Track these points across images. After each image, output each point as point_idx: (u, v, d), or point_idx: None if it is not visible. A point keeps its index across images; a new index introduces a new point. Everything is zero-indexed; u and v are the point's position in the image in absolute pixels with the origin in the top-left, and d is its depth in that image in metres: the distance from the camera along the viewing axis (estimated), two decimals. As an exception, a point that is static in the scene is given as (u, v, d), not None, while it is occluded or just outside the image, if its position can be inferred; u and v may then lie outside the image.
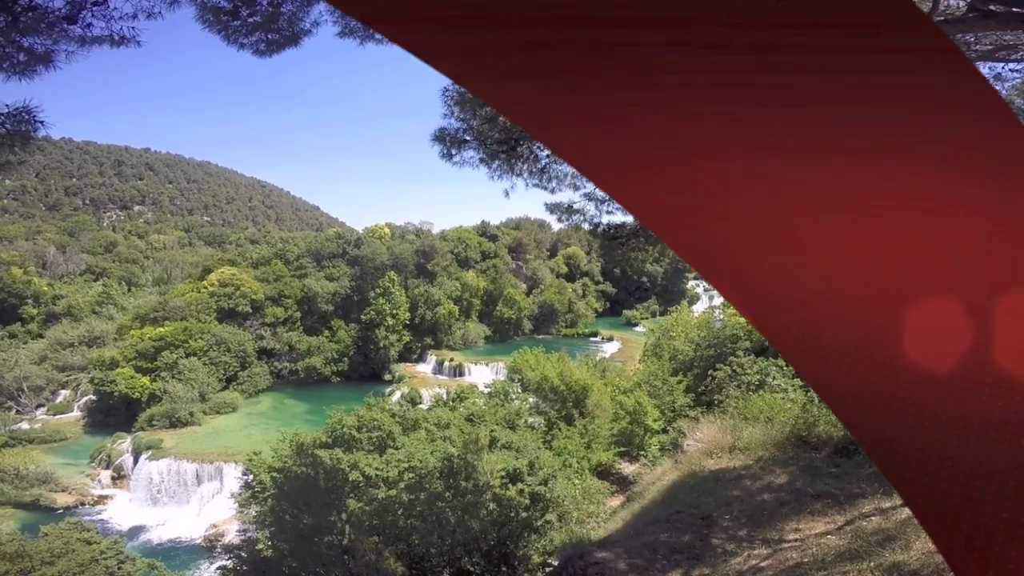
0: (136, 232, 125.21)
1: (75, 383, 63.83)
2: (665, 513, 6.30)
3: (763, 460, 7.47)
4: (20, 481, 44.76)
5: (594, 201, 9.15)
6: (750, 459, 7.76)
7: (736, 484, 6.73)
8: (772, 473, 6.78)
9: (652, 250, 9.84)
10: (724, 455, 8.41)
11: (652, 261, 77.52)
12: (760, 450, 8.03)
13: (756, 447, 8.23)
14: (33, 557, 20.31)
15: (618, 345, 79.14)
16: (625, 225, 9.33)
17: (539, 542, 10.83)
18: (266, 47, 6.28)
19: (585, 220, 9.38)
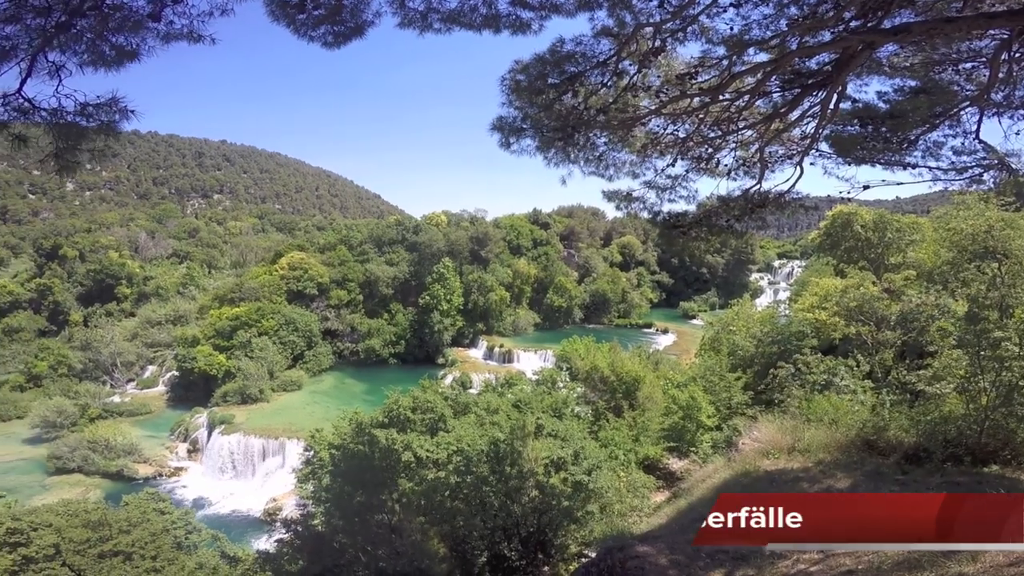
0: (215, 219, 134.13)
1: (161, 359, 69.37)
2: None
3: (824, 463, 6.98)
4: (109, 452, 47.93)
5: (655, 189, 8.83)
6: (809, 461, 7.27)
7: (792, 486, 6.32)
8: (832, 477, 6.32)
9: (715, 240, 9.40)
10: (782, 456, 7.93)
11: (713, 252, 74.62)
12: (821, 452, 7.51)
13: (817, 449, 7.70)
14: (112, 526, 21.26)
15: (673, 338, 76.87)
16: (687, 213, 9.01)
17: (578, 532, 10.71)
18: (333, 39, 6.43)
19: (644, 208, 9.05)
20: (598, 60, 7.10)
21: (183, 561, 20.90)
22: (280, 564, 14.94)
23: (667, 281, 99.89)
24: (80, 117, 5.49)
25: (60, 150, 5.79)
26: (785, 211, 8.67)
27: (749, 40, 6.25)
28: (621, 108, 7.62)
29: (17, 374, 65.12)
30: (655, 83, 7.48)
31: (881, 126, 7.52)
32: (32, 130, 5.73)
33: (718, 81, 6.96)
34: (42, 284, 75.74)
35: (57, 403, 54.95)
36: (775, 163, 8.49)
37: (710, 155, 8.31)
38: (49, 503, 27.41)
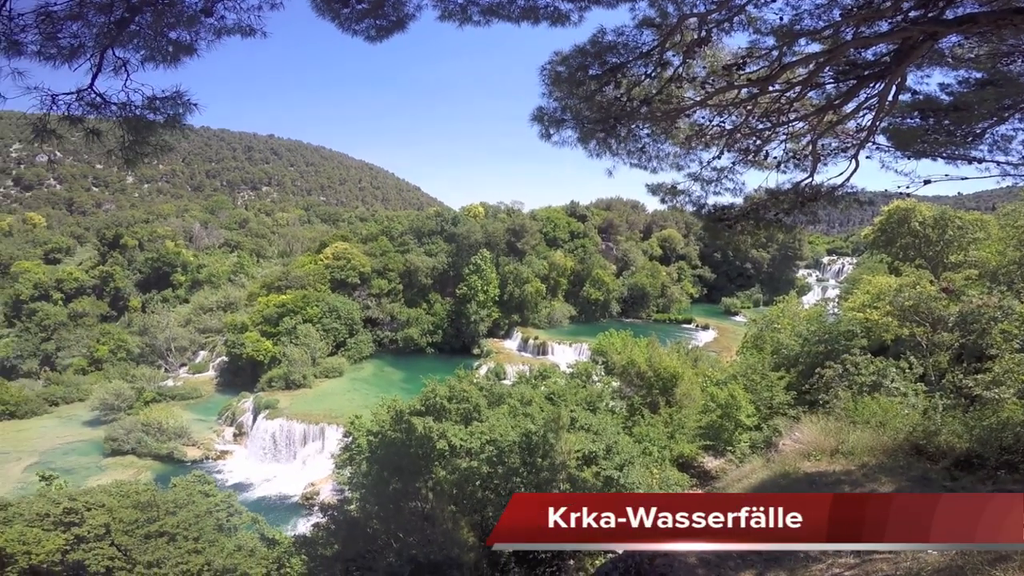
0: (264, 210, 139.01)
1: (212, 345, 72.62)
2: None
3: (868, 467, 6.72)
4: (161, 435, 49.61)
5: (700, 181, 8.65)
6: (853, 465, 7.02)
7: (833, 489, 6.11)
8: (876, 481, 6.08)
9: (762, 234, 9.17)
10: (824, 458, 7.68)
11: (759, 246, 72.37)
12: (866, 456, 7.23)
13: (862, 452, 7.42)
14: (160, 507, 21.66)
15: (714, 334, 74.96)
16: (734, 206, 8.80)
17: None
18: (375, 33, 6.54)
19: (689, 201, 8.90)
20: (641, 51, 6.98)
21: (223, 543, 21.30)
22: (316, 548, 15.21)
23: (709, 276, 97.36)
24: (147, 111, 5.73)
25: (128, 143, 6.01)
26: (838, 205, 8.38)
27: (800, 30, 6.01)
28: (665, 99, 7.48)
29: (80, 358, 69.05)
30: (700, 74, 7.32)
31: (944, 119, 7.12)
32: (99, 124, 6.07)
33: (767, 72, 6.74)
34: (104, 271, 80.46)
35: (116, 386, 57.57)
36: (828, 156, 8.19)
37: (758, 147, 8.08)
38: (103, 484, 27.82)
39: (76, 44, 5.28)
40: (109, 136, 5.97)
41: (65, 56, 5.27)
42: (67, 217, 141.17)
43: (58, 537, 18.97)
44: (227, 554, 20.11)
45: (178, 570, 18.75)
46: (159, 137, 6.06)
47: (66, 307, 75.08)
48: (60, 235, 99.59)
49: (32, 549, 17.26)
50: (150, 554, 19.12)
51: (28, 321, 72.76)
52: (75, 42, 5.27)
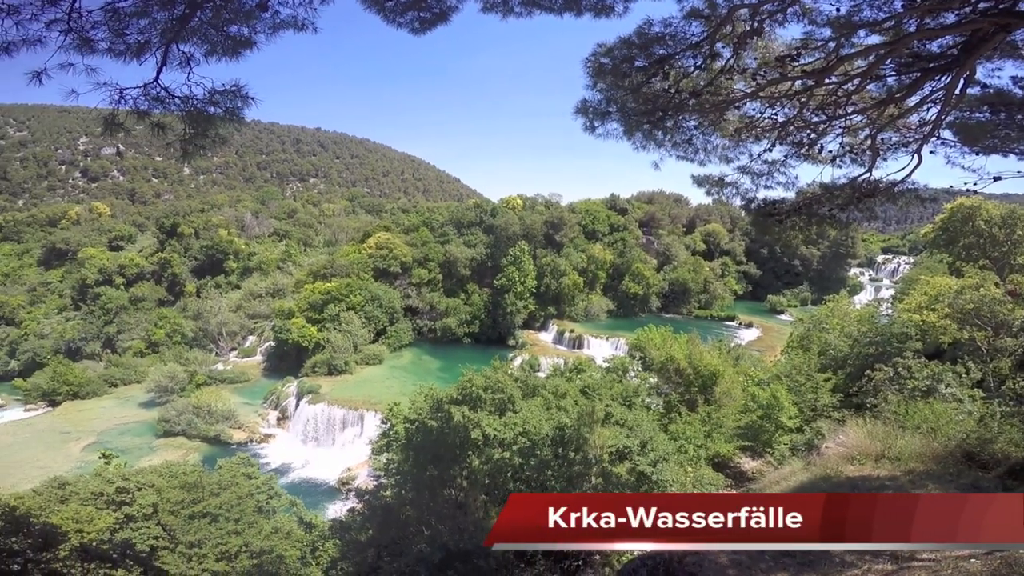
0: (311, 201, 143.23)
1: (260, 330, 75.60)
2: None
3: (915, 473, 6.45)
4: (209, 417, 51.17)
5: (749, 174, 8.44)
6: (899, 470, 6.75)
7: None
8: (923, 487, 5.82)
9: (814, 229, 8.92)
10: (868, 463, 7.42)
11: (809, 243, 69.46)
12: (914, 462, 6.94)
13: (910, 458, 7.13)
14: (205, 488, 21.92)
15: (757, 332, 72.77)
16: (785, 201, 8.58)
17: None
18: (419, 25, 6.63)
19: (737, 194, 8.72)
20: (689, 43, 6.85)
21: (261, 524, 21.54)
22: (351, 533, 15.46)
23: (754, 272, 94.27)
24: (208, 105, 5.98)
25: (189, 136, 6.27)
26: (898, 202, 8.06)
27: (859, 22, 5.75)
28: (714, 91, 7.32)
29: (139, 341, 72.85)
30: (751, 65, 7.11)
31: (1017, 113, 6.70)
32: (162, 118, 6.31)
33: (823, 64, 6.49)
34: (163, 258, 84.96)
35: (170, 369, 60.15)
36: (888, 151, 7.85)
37: (813, 140, 7.82)
38: (154, 464, 28.73)
39: (143, 40, 5.51)
40: (170, 129, 6.22)
41: (133, 52, 5.52)
42: (129, 207, 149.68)
43: (109, 516, 19.33)
44: (264, 536, 20.44)
45: (217, 551, 19.05)
46: (217, 130, 6.28)
47: (127, 291, 79.74)
48: (123, 223, 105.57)
49: (84, 527, 17.54)
50: (192, 534, 19.48)
51: (92, 304, 77.70)
52: (142, 38, 5.50)
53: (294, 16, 5.83)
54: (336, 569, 17.70)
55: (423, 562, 8.47)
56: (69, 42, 5.25)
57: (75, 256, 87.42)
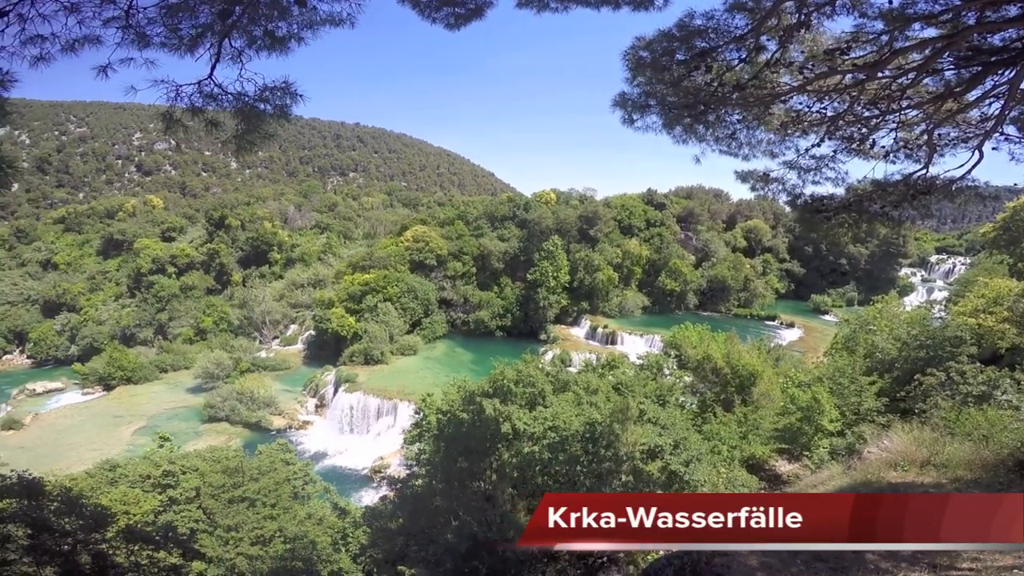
0: (351, 194, 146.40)
1: (302, 319, 77.97)
2: None
3: (962, 481, 6.17)
4: (252, 403, 52.61)
5: (796, 169, 8.21)
6: (945, 477, 6.47)
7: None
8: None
9: (864, 227, 8.62)
10: (912, 469, 7.14)
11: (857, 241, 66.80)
12: (962, 469, 6.64)
13: (957, 466, 6.82)
14: (245, 473, 22.59)
15: (799, 333, 70.46)
16: (834, 197, 8.32)
17: None
18: (454, 20, 6.67)
19: (783, 190, 8.51)
20: (732, 36, 6.71)
21: (296, 510, 21.99)
22: (382, 520, 15.70)
23: (798, 271, 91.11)
24: (259, 101, 6.15)
25: (241, 132, 6.43)
26: (955, 200, 7.72)
27: (913, 14, 5.49)
28: (758, 85, 7.15)
29: (188, 328, 76.27)
30: (798, 59, 6.90)
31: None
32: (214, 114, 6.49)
33: (875, 57, 6.23)
34: (211, 248, 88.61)
35: (216, 356, 62.45)
36: (946, 146, 7.49)
37: (864, 135, 7.53)
38: (198, 449, 29.78)
39: (196, 34, 5.70)
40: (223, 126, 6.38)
41: (186, 47, 5.70)
42: (181, 199, 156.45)
43: (154, 498, 20.05)
44: (298, 521, 20.83)
45: (253, 535, 19.50)
46: (267, 127, 6.46)
47: (178, 280, 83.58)
48: (175, 215, 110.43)
49: (131, 509, 18.09)
50: (230, 518, 20.01)
51: (146, 292, 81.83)
52: (195, 32, 5.68)
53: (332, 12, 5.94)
54: (365, 556, 18.10)
55: (450, 552, 8.63)
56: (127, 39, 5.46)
57: (131, 246, 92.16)
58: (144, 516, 18.33)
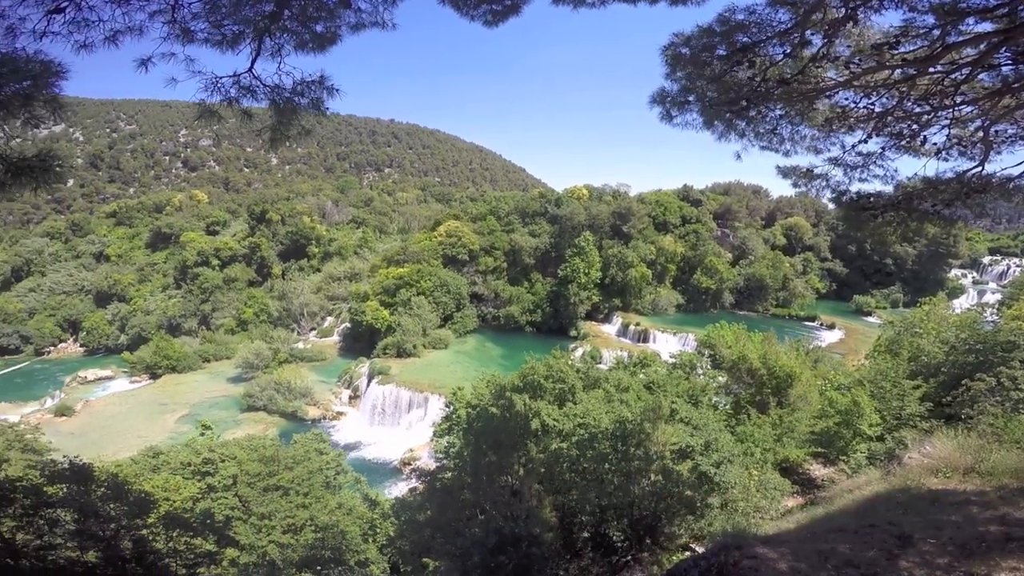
0: (386, 190, 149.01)
1: (338, 311, 79.95)
2: (854, 524, 5.48)
3: (1007, 489, 5.89)
4: (288, 393, 53.89)
5: (842, 166, 7.99)
6: (989, 485, 6.19)
7: (959, 509, 5.47)
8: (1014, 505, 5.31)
9: (913, 225, 8.36)
10: (955, 476, 6.87)
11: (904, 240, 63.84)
12: (1007, 477, 6.34)
13: (1003, 473, 6.51)
14: (280, 462, 22.86)
15: (840, 334, 68.09)
16: (881, 195, 8.08)
17: (695, 523, 10.27)
18: (492, 17, 6.72)
19: (828, 187, 8.30)
20: (775, 31, 6.57)
21: (327, 500, 22.12)
22: (412, 512, 15.87)
23: (840, 270, 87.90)
24: (295, 95, 6.29)
25: (275, 124, 6.60)
26: (1013, 199, 7.40)
27: (966, 8, 5.27)
28: (802, 80, 6.99)
29: (230, 319, 79.26)
30: (844, 53, 6.71)
31: None
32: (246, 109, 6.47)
33: (927, 52, 6.00)
34: (253, 242, 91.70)
35: (256, 346, 64.50)
36: (1003, 144, 7.20)
37: (914, 132, 7.28)
38: (237, 437, 30.76)
39: (238, 32, 5.84)
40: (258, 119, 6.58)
41: (229, 43, 5.86)
42: (224, 194, 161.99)
43: (194, 485, 20.34)
44: (329, 511, 21.04)
45: (285, 523, 19.78)
46: (302, 120, 6.61)
47: (221, 272, 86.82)
48: (218, 210, 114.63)
49: (172, 496, 18.29)
50: (264, 506, 20.31)
51: (191, 284, 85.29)
52: (237, 30, 5.83)
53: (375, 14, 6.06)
54: (393, 547, 18.34)
55: (476, 545, 8.76)
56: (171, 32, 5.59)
57: (177, 239, 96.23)
58: (183, 503, 18.64)
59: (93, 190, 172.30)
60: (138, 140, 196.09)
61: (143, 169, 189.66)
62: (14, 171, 5.22)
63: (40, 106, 5.04)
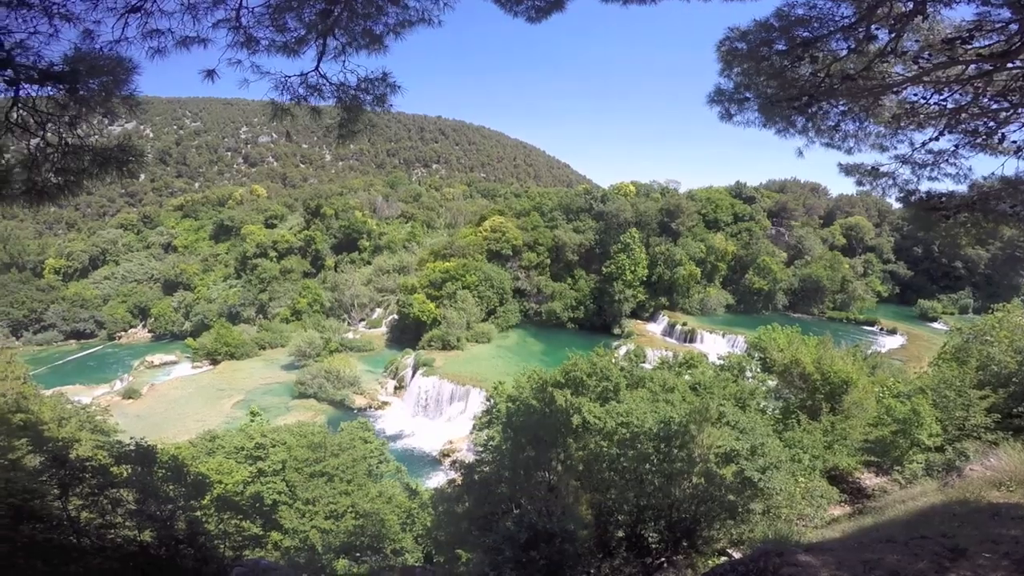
0: (434, 185, 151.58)
1: (386, 303, 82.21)
2: (904, 535, 5.28)
3: (1077, 508, 5.53)
4: (337, 382, 55.34)
5: (910, 165, 7.69)
6: (1055, 501, 5.83)
7: (1020, 524, 5.16)
8: None
9: (988, 227, 7.93)
10: (1019, 490, 6.48)
11: (978, 243, 59.87)
12: (1079, 493, 5.95)
13: (1075, 489, 6.12)
14: (327, 449, 23.39)
15: (901, 340, 64.51)
16: (954, 195, 7.70)
17: (735, 528, 10.04)
18: (535, 13, 6.75)
19: (895, 185, 7.98)
20: (837, 25, 6.38)
21: (369, 487, 22.50)
22: (450, 503, 15.94)
23: (904, 273, 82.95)
24: (360, 92, 6.48)
25: (344, 120, 6.79)
26: None
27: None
28: (868, 75, 6.75)
29: (285, 308, 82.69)
30: (912, 48, 6.44)
31: None
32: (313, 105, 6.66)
33: (1004, 47, 5.70)
34: (308, 235, 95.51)
35: (309, 336, 66.94)
36: (1091, 143, 6.72)
37: (992, 129, 6.90)
38: (287, 423, 31.69)
39: (300, 38, 6.04)
40: (326, 115, 6.78)
41: (291, 48, 6.09)
42: (282, 189, 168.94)
43: (245, 469, 20.97)
44: (370, 499, 21.42)
45: (327, 509, 20.19)
46: (368, 116, 6.83)
47: (278, 264, 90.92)
48: (276, 204, 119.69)
49: (224, 479, 18.75)
50: (309, 492, 20.81)
51: (250, 274, 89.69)
52: (299, 35, 6.02)
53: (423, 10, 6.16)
54: (428, 537, 18.54)
55: (509, 540, 8.83)
56: (236, 40, 5.82)
57: (238, 232, 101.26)
58: (234, 486, 19.20)
59: (162, 184, 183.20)
60: (202, 136, 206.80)
61: (207, 164, 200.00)
62: (99, 161, 5.62)
63: (118, 102, 5.40)
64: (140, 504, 8.67)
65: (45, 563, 6.12)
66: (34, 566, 6.01)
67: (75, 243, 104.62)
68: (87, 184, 6.02)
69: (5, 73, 4.90)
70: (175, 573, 7.86)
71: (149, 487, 8.95)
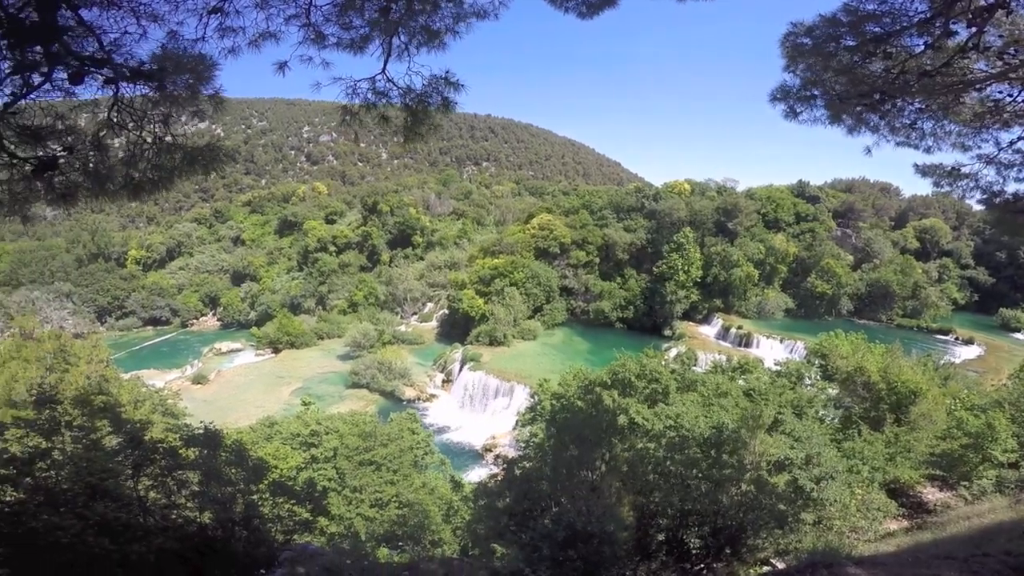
0: (484, 183, 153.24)
1: (437, 298, 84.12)
2: (964, 552, 5.01)
3: None
4: (389, 373, 56.98)
5: (995, 165, 7.33)
6: None
7: None
8: None
9: None
10: None
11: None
12: None
13: None
14: (376, 437, 23.82)
15: (979, 351, 59.78)
16: None
17: (782, 538, 9.70)
18: (587, 9, 6.68)
19: (977, 187, 7.61)
20: (912, 21, 6.11)
21: (414, 478, 22.86)
22: (492, 498, 15.82)
23: (984, 280, 76.66)
24: (426, 94, 6.52)
25: (410, 124, 6.85)
26: None
27: None
28: (947, 72, 6.44)
29: (343, 301, 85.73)
30: (995, 43, 6.10)
31: None
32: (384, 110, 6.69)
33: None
34: (365, 231, 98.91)
35: (364, 327, 69.11)
36: None
37: None
38: (340, 412, 32.51)
39: (365, 35, 6.11)
40: (392, 120, 6.82)
41: (357, 45, 6.17)
42: (341, 187, 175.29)
43: (299, 455, 21.47)
44: (414, 489, 21.73)
45: (373, 497, 20.56)
46: (433, 119, 6.87)
47: (337, 258, 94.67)
48: (336, 201, 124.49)
49: (280, 464, 19.15)
50: (357, 480, 21.21)
51: (311, 267, 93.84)
52: (364, 33, 6.10)
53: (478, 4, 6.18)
54: (467, 530, 18.54)
55: (547, 538, 8.88)
56: (307, 37, 5.93)
57: (301, 227, 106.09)
58: (289, 471, 19.78)
59: (232, 181, 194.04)
60: (268, 136, 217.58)
61: (273, 162, 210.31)
62: (188, 159, 6.04)
63: (204, 100, 5.73)
64: (203, 486, 8.99)
65: (112, 540, 6.34)
66: (102, 543, 6.22)
67: (154, 236, 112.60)
68: (177, 180, 6.38)
69: (104, 71, 5.17)
70: (228, 554, 8.07)
71: (213, 470, 9.21)
